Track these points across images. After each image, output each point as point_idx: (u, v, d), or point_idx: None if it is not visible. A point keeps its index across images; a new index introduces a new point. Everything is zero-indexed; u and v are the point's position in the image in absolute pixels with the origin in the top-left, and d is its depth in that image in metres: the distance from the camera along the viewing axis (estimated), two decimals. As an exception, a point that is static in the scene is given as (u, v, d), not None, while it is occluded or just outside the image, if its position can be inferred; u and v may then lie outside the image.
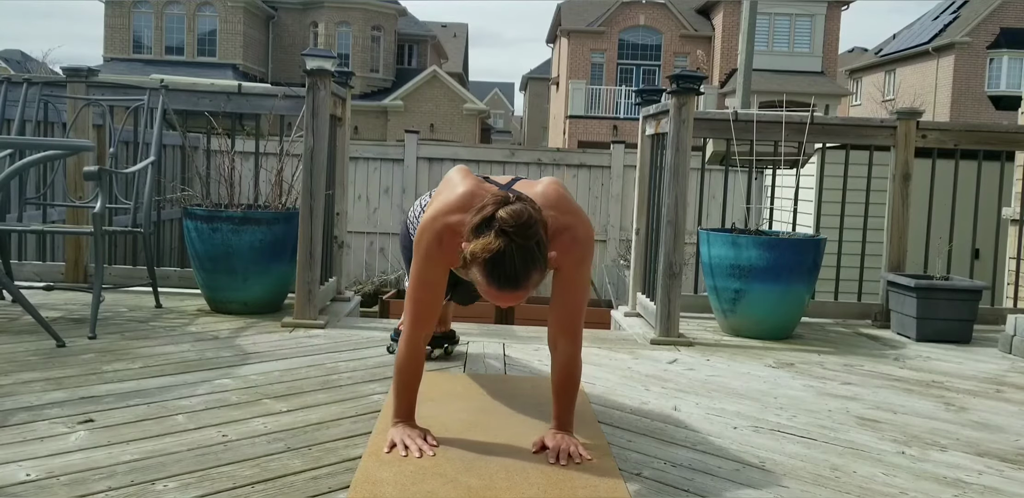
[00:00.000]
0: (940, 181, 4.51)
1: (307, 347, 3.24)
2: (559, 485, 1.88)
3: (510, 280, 1.78)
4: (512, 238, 1.75)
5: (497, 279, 1.78)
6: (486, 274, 1.78)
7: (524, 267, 1.77)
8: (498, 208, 1.78)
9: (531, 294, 1.90)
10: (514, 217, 1.76)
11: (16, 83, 4.12)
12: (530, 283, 1.81)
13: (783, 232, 4.18)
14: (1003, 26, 26.50)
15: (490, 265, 1.77)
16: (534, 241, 1.78)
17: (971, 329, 4.00)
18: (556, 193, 2.03)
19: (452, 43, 40.40)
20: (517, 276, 1.78)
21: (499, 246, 1.75)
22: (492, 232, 1.77)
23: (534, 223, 1.78)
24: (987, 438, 2.47)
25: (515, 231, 1.75)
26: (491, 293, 1.82)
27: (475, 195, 1.95)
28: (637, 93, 4.60)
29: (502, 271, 1.77)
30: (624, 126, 23.44)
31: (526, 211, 1.78)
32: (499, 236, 1.76)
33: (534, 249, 1.78)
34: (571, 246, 1.96)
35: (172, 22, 26.69)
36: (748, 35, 11.71)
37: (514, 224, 1.75)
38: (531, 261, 1.78)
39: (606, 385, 2.86)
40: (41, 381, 2.56)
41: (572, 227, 1.97)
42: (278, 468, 1.94)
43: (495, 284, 1.79)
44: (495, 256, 1.76)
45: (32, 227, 3.79)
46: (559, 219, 1.94)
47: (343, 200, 4.42)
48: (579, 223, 2.00)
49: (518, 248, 1.76)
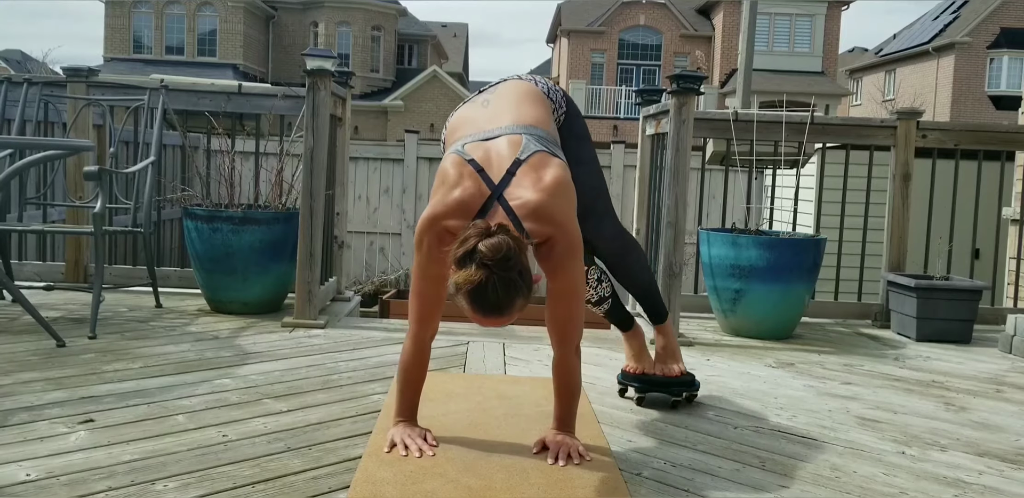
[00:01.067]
0: (940, 181, 4.51)
1: (307, 347, 3.24)
2: (559, 485, 1.88)
3: (493, 308, 1.83)
4: (493, 270, 1.79)
5: (481, 308, 1.83)
6: (470, 303, 1.83)
7: (507, 296, 1.82)
8: (479, 241, 1.82)
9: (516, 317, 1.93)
10: (493, 251, 1.79)
11: (16, 83, 4.12)
12: (514, 309, 1.86)
13: (783, 232, 4.18)
14: (1003, 26, 26.50)
15: (473, 296, 1.81)
16: (515, 271, 1.82)
17: (971, 329, 4.00)
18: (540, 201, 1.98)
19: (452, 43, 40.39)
20: (500, 305, 1.82)
21: (480, 278, 1.79)
22: (473, 265, 1.81)
23: (513, 255, 1.81)
24: (987, 438, 2.47)
25: (495, 264, 1.79)
26: (477, 319, 1.87)
27: (466, 203, 1.97)
28: (637, 93, 4.60)
29: (484, 301, 1.82)
30: (624, 126, 23.44)
31: (504, 244, 1.81)
32: (480, 268, 1.80)
33: (516, 279, 1.82)
34: (548, 255, 2.00)
35: (172, 22, 26.69)
36: (748, 35, 11.72)
37: (493, 258, 1.79)
38: (513, 290, 1.82)
39: (606, 385, 2.86)
40: (41, 381, 2.56)
41: (551, 239, 1.99)
42: (278, 468, 1.95)
43: (480, 313, 1.84)
44: (477, 288, 1.80)
45: (32, 227, 3.79)
46: (539, 230, 1.96)
47: (343, 200, 4.42)
48: (559, 235, 2.00)
49: (499, 279, 1.80)
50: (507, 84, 2.34)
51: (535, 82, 2.35)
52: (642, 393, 2.64)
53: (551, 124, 2.24)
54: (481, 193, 1.99)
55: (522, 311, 1.89)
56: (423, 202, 8.99)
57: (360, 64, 27.38)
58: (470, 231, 1.86)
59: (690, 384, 2.65)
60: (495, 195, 1.98)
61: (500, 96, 2.27)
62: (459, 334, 3.59)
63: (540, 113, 2.21)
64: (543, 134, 2.13)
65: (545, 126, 2.18)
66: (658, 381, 2.62)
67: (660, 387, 2.62)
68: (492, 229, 1.85)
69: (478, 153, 2.05)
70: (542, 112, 2.23)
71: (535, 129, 2.12)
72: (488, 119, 2.17)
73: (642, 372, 2.66)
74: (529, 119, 2.16)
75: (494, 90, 2.33)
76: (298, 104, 4.01)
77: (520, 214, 1.96)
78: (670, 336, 2.71)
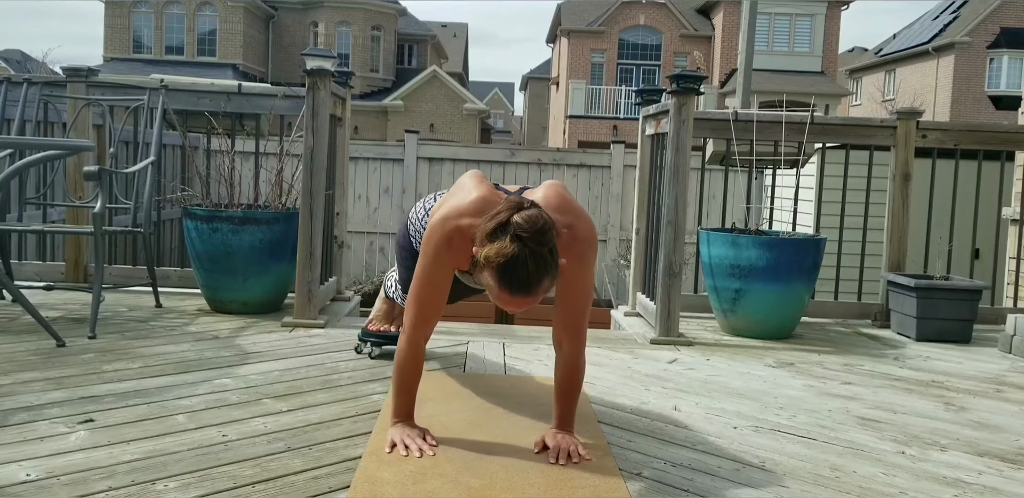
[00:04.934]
0: (940, 181, 4.51)
1: (307, 347, 3.24)
2: (559, 485, 1.88)
3: (522, 285, 1.79)
4: (526, 243, 1.77)
5: (509, 283, 1.79)
6: (499, 278, 1.80)
7: (537, 273, 1.79)
8: (513, 213, 1.80)
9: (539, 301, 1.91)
10: (529, 222, 1.77)
11: (16, 83, 4.12)
12: (541, 289, 1.82)
13: (783, 232, 4.18)
14: (1003, 26, 26.50)
15: (503, 269, 1.78)
16: (547, 248, 1.79)
17: (971, 329, 4.00)
18: (557, 195, 2.05)
19: (452, 43, 40.39)
20: (529, 281, 1.79)
21: (513, 251, 1.76)
22: (507, 237, 1.78)
23: (548, 229, 1.79)
24: (987, 438, 2.47)
25: (530, 236, 1.77)
26: (503, 297, 1.83)
27: (488, 201, 1.97)
28: (637, 93, 4.60)
29: (515, 276, 1.78)
30: (624, 126, 23.43)
31: (541, 217, 1.80)
32: (514, 241, 1.77)
33: (547, 255, 1.80)
34: (571, 244, 1.98)
35: (172, 22, 26.69)
36: (748, 35, 11.72)
37: (529, 229, 1.77)
38: (543, 267, 1.79)
39: (606, 385, 2.86)
40: (41, 381, 2.56)
41: (572, 226, 1.99)
42: (278, 468, 1.95)
43: (507, 289, 1.80)
44: (509, 261, 1.77)
45: (32, 227, 3.80)
46: (560, 219, 1.96)
47: (343, 200, 4.42)
48: (579, 222, 2.01)
49: (532, 253, 1.77)
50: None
51: None
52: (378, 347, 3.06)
53: None
54: (497, 196, 2.00)
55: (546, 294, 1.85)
56: (423, 202, 8.98)
57: (360, 64, 27.38)
58: (503, 205, 1.84)
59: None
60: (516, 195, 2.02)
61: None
62: (459, 334, 3.59)
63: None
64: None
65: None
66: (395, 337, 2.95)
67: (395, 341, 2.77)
68: (526, 203, 1.84)
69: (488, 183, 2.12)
70: None
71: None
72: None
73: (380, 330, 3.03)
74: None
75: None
76: (298, 104, 4.01)
77: (543, 206, 1.94)
78: None
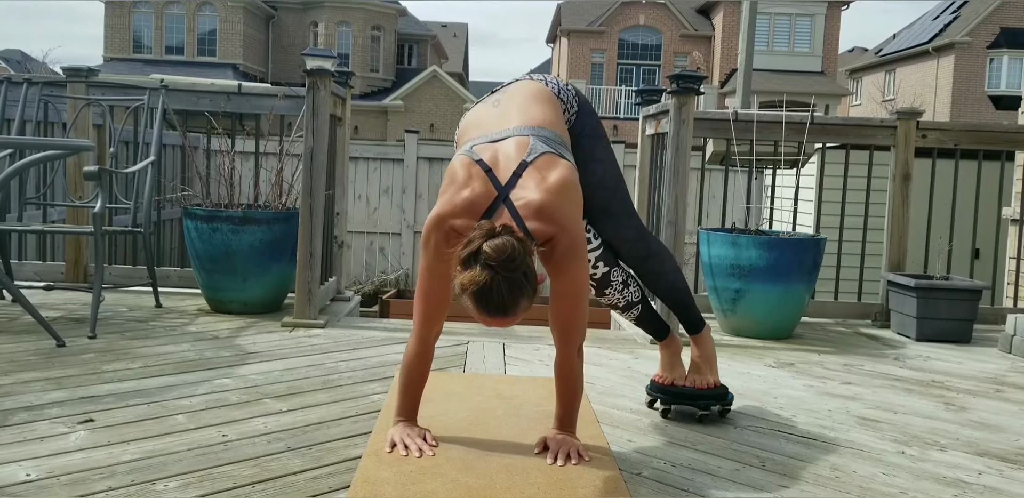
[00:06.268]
0: (940, 181, 4.51)
1: (307, 347, 3.24)
2: (559, 485, 1.88)
3: (499, 309, 1.84)
4: (497, 271, 1.80)
5: (487, 308, 1.84)
6: (475, 304, 1.84)
7: (511, 297, 1.83)
8: (483, 241, 1.83)
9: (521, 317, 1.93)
10: (498, 252, 1.81)
11: (16, 83, 4.12)
12: (519, 309, 1.86)
13: (783, 232, 4.18)
14: (1003, 26, 26.50)
15: (478, 297, 1.82)
16: (520, 272, 1.83)
17: (971, 329, 3.99)
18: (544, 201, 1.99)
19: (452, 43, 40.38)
20: (505, 305, 1.83)
21: (485, 279, 1.80)
22: (478, 266, 1.82)
23: (518, 255, 1.82)
24: (987, 438, 2.47)
25: (499, 265, 1.80)
26: (482, 320, 1.88)
27: (474, 203, 1.99)
28: (637, 93, 4.60)
29: (490, 301, 1.83)
30: (624, 126, 23.43)
31: (509, 245, 1.82)
32: (484, 269, 1.81)
33: (520, 279, 1.83)
34: (550, 254, 2.00)
35: (172, 22, 26.69)
36: (748, 35, 11.72)
37: (497, 259, 1.80)
38: (517, 290, 1.83)
39: (606, 385, 2.86)
40: (41, 381, 2.56)
41: (553, 238, 1.99)
42: (278, 468, 1.95)
43: (485, 313, 1.85)
44: (482, 289, 1.81)
45: (32, 227, 3.79)
46: (541, 231, 1.97)
47: (343, 200, 4.42)
48: (561, 235, 2.00)
49: (504, 279, 1.81)
50: (518, 84, 2.34)
51: (545, 82, 2.35)
52: (667, 404, 2.52)
53: (561, 125, 2.24)
54: (488, 194, 2.00)
55: (527, 311, 1.89)
56: (423, 202, 9.00)
57: (360, 64, 27.37)
58: (475, 232, 1.87)
59: (722, 397, 2.51)
60: (502, 197, 1.99)
61: (510, 96, 2.27)
62: (459, 334, 3.59)
63: (549, 114, 2.21)
64: (551, 135, 2.13)
65: (554, 127, 2.18)
66: (687, 393, 2.50)
67: (688, 400, 2.49)
68: (497, 230, 1.86)
69: (486, 154, 2.06)
70: (551, 113, 2.23)
71: (543, 130, 2.13)
72: (497, 120, 2.18)
73: (671, 383, 2.53)
74: (537, 120, 2.16)
75: (505, 90, 2.33)
76: (298, 104, 4.01)
77: (523, 214, 1.96)
78: (706, 346, 2.56)
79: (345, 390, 2.64)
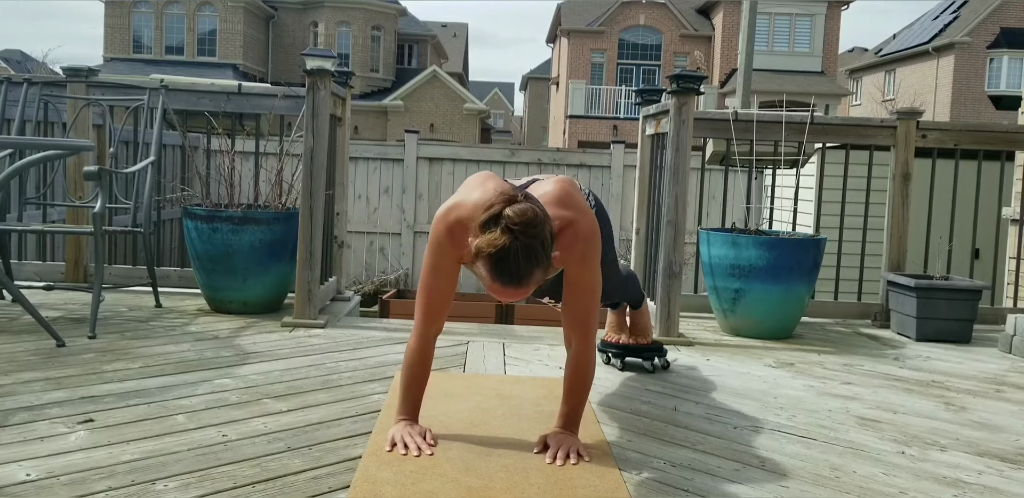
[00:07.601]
0: (940, 181, 4.51)
1: (307, 347, 3.24)
2: (559, 485, 1.88)
3: (513, 276, 1.82)
4: (517, 236, 1.79)
5: (500, 274, 1.82)
6: (490, 269, 1.82)
7: (527, 264, 1.81)
8: (505, 206, 1.82)
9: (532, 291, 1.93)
10: (519, 215, 1.80)
11: (16, 83, 4.12)
12: (532, 280, 1.85)
13: (783, 232, 4.18)
14: (1003, 26, 26.50)
15: (494, 260, 1.80)
16: (538, 240, 1.81)
17: (971, 329, 4.00)
18: (561, 189, 2.06)
19: (452, 43, 40.40)
20: (520, 273, 1.81)
21: (504, 243, 1.79)
22: (498, 229, 1.80)
23: (539, 222, 1.82)
24: (987, 438, 2.47)
25: (520, 229, 1.79)
26: (494, 288, 1.86)
27: (486, 199, 1.99)
28: (637, 93, 4.60)
29: (505, 267, 1.81)
30: (624, 126, 23.43)
31: (531, 210, 1.82)
32: (504, 233, 1.80)
33: (538, 248, 1.82)
34: (572, 242, 2.00)
35: (172, 22, 26.69)
36: (748, 35, 11.72)
37: (519, 222, 1.79)
38: (534, 259, 1.81)
39: (606, 385, 2.86)
40: (41, 381, 2.56)
41: (573, 222, 2.00)
42: (278, 468, 1.95)
43: (498, 279, 1.83)
44: (499, 252, 1.79)
45: (32, 227, 3.79)
46: (561, 216, 1.97)
47: (343, 200, 4.42)
48: (581, 219, 2.02)
49: (522, 246, 1.79)
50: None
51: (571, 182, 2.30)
52: (619, 358, 3.10)
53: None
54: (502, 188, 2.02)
55: (539, 284, 1.89)
56: (423, 202, 9.01)
57: (360, 64, 27.37)
58: (497, 197, 1.87)
59: (659, 349, 3.13)
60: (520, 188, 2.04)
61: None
62: (459, 334, 3.59)
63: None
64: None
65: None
66: (632, 348, 3.10)
67: (634, 353, 3.10)
68: (519, 197, 1.86)
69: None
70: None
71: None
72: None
73: (617, 341, 3.13)
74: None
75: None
76: (298, 104, 4.01)
77: (544, 201, 1.97)
78: (644, 315, 3.16)
79: (345, 390, 2.64)
